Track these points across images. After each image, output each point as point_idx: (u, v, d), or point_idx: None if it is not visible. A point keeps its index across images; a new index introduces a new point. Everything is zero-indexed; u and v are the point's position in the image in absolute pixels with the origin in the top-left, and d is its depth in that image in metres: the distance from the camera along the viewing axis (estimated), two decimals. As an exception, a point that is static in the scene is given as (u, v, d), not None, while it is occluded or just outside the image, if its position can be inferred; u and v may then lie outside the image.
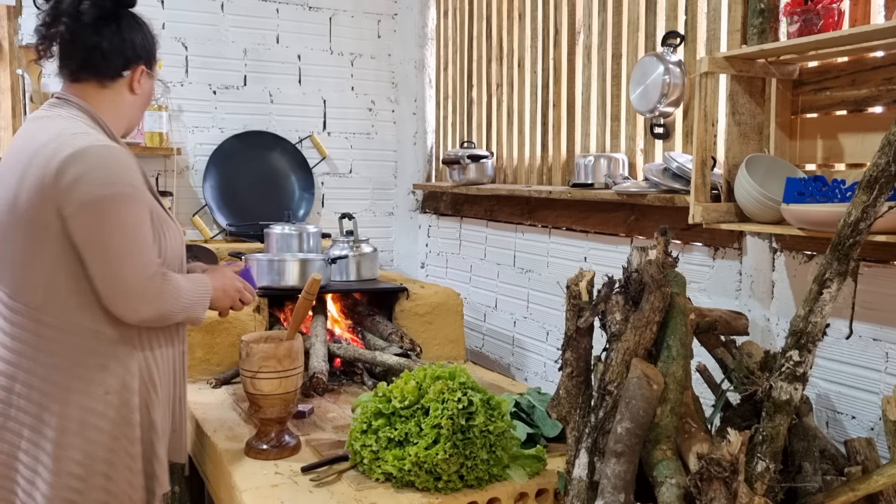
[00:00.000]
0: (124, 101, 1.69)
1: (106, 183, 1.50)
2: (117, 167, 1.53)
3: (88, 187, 1.49)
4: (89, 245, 1.51)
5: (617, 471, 1.32)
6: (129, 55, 1.67)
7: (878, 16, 1.66)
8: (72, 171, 1.49)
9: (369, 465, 1.68)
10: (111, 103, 1.67)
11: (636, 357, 1.45)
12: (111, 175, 1.51)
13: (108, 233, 1.51)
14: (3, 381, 1.56)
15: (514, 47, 3.08)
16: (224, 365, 2.50)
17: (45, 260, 1.53)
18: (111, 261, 1.52)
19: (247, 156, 3.52)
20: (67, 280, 1.54)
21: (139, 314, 1.55)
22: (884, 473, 1.37)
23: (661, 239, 1.52)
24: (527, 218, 2.91)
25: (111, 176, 1.51)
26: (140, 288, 1.53)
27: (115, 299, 1.54)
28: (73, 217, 1.49)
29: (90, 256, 1.52)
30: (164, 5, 3.37)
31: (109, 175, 1.51)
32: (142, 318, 1.56)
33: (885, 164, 1.31)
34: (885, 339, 1.64)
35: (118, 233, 1.51)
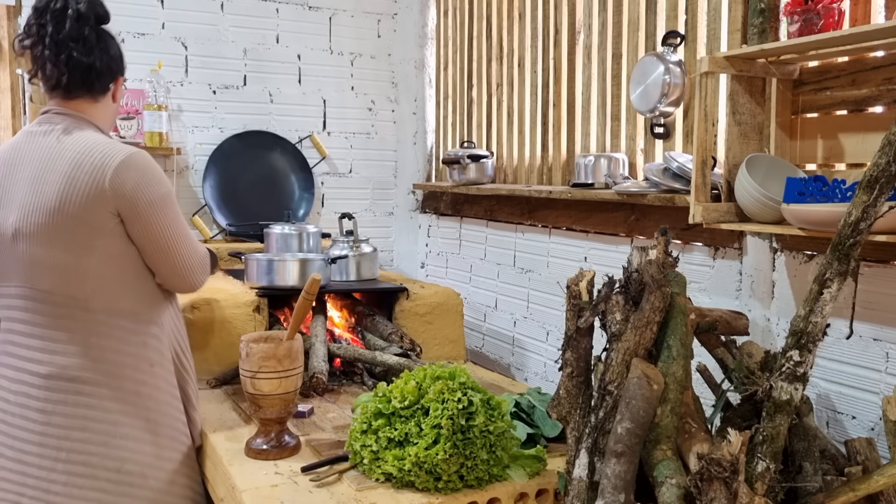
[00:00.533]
0: (109, 109, 1.92)
1: (159, 183, 1.79)
2: (159, 168, 1.83)
3: (149, 189, 1.75)
4: (157, 237, 1.78)
5: (617, 471, 1.32)
6: (114, 69, 1.89)
7: (878, 16, 1.66)
8: (130, 176, 1.73)
9: (369, 465, 1.68)
10: (101, 113, 1.88)
11: (636, 357, 1.45)
12: (160, 175, 1.81)
13: (174, 223, 1.81)
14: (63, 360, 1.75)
15: (514, 47, 3.08)
16: (224, 365, 2.50)
17: (95, 255, 1.74)
18: (181, 245, 1.83)
19: (247, 156, 3.52)
20: (114, 271, 1.77)
21: (200, 283, 1.93)
22: (884, 473, 1.37)
23: (662, 239, 1.52)
24: (527, 218, 2.91)
25: (160, 176, 1.81)
26: (202, 262, 1.92)
27: (183, 277, 1.87)
28: (140, 217, 1.75)
29: (157, 247, 1.79)
30: (164, 5, 3.37)
31: (159, 176, 1.80)
32: (200, 286, 1.94)
33: (885, 164, 1.31)
34: (885, 339, 1.64)
35: (180, 221, 1.84)
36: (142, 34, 3.32)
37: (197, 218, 3.44)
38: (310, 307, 1.92)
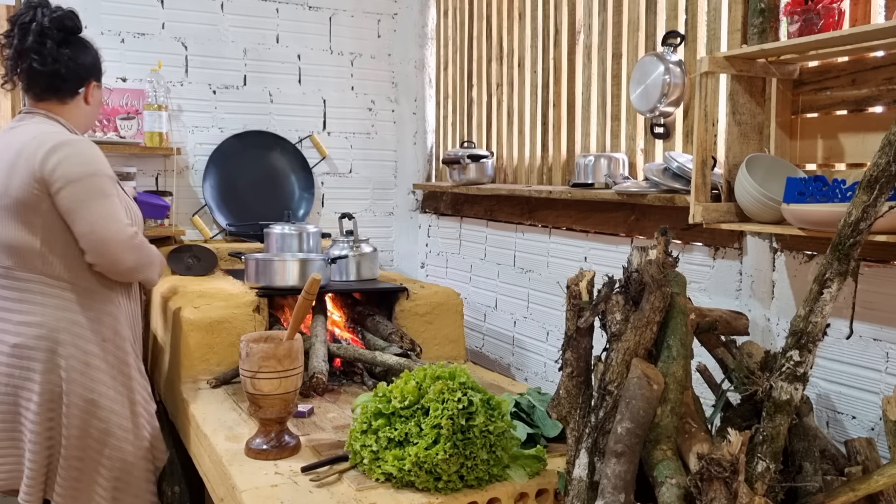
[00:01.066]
0: (81, 111, 2.13)
1: (85, 162, 1.96)
2: (92, 152, 2.00)
3: (71, 166, 1.93)
4: (76, 211, 1.93)
5: (617, 471, 1.32)
6: (82, 75, 2.10)
7: (878, 16, 1.66)
8: (56, 156, 1.93)
9: (369, 465, 1.68)
10: (69, 114, 2.10)
11: (636, 357, 1.45)
12: (89, 157, 1.98)
13: (91, 200, 1.94)
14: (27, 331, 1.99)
15: (514, 47, 3.08)
16: (224, 365, 2.50)
17: (38, 233, 1.96)
18: (97, 221, 1.95)
19: (247, 156, 3.52)
20: (60, 247, 1.98)
21: (123, 263, 2.02)
22: (884, 473, 1.37)
23: (662, 239, 1.52)
24: (527, 218, 2.91)
25: (89, 158, 1.98)
26: (123, 241, 1.99)
27: (100, 253, 1.98)
28: (60, 191, 1.92)
29: (77, 220, 1.94)
30: (164, 5, 3.37)
31: (87, 157, 1.97)
32: (126, 267, 2.03)
33: (885, 164, 1.31)
34: (885, 339, 1.64)
35: (100, 199, 1.95)
36: (142, 34, 3.32)
37: (197, 218, 3.44)
38: (310, 307, 1.92)
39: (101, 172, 1.98)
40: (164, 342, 2.75)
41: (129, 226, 2.01)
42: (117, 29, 3.26)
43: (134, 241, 2.02)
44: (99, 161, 1.99)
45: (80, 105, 2.13)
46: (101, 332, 2.05)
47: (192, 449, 2.22)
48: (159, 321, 2.86)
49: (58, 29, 2.04)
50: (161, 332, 2.82)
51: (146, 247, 2.08)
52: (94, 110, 2.18)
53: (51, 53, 2.03)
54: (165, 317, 2.72)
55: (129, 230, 2.00)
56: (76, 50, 2.09)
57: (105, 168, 2.00)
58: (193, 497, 2.47)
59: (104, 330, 2.06)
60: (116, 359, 2.08)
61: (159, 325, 2.87)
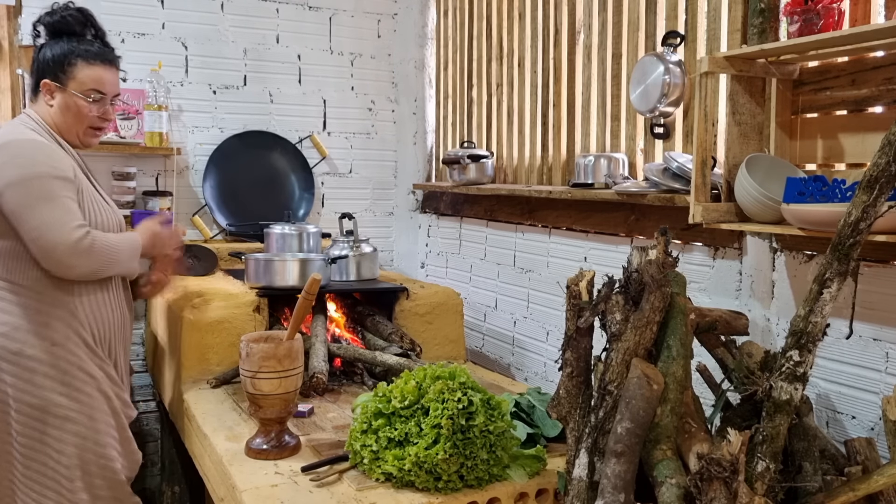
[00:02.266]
0: (47, 111, 2.03)
1: (27, 164, 1.87)
2: (38, 153, 1.90)
3: (10, 169, 1.85)
4: (19, 216, 1.85)
5: (617, 471, 1.32)
6: (38, 72, 2.04)
7: (878, 16, 1.66)
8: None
9: (369, 465, 1.68)
10: (41, 113, 2.03)
11: (636, 357, 1.45)
12: (32, 159, 1.88)
13: (33, 204, 1.84)
14: None
15: (514, 47, 3.08)
16: (224, 365, 2.50)
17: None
18: (39, 227, 1.84)
19: (247, 156, 3.52)
20: (9, 247, 1.91)
21: (73, 269, 1.89)
22: (884, 473, 1.37)
23: (661, 239, 1.52)
24: (527, 218, 2.91)
25: (32, 160, 1.88)
26: (68, 247, 1.85)
27: (48, 260, 1.87)
28: (2, 195, 1.85)
29: (21, 226, 1.86)
30: (164, 5, 3.37)
31: (30, 159, 1.88)
32: (78, 273, 1.90)
33: (885, 164, 1.31)
34: (885, 339, 1.64)
35: (42, 204, 1.85)
36: (142, 34, 3.32)
37: (197, 218, 3.44)
38: (310, 307, 1.92)
39: (45, 174, 1.87)
40: (164, 342, 2.75)
41: (76, 228, 1.87)
42: (117, 29, 3.26)
43: (81, 245, 1.87)
44: (42, 163, 1.88)
45: (43, 104, 2.04)
46: (50, 336, 1.93)
47: (192, 449, 2.22)
48: (160, 321, 2.86)
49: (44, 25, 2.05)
50: (161, 332, 2.82)
51: (99, 246, 1.91)
52: (59, 114, 2.03)
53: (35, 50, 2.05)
54: (165, 317, 2.73)
55: (73, 234, 1.86)
56: (46, 45, 2.05)
57: (51, 170, 1.89)
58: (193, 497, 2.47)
59: (53, 334, 1.93)
60: (70, 364, 1.95)
61: (160, 325, 2.87)
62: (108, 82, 2.06)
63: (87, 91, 2.02)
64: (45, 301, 1.92)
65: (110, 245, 1.95)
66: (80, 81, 2.02)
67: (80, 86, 2.02)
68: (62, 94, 2.01)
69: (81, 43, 2.04)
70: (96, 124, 2.07)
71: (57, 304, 1.94)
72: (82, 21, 2.08)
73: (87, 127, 2.05)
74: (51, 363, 1.92)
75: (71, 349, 1.94)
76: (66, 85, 2.01)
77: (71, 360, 1.94)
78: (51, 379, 1.91)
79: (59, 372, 1.92)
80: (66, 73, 2.01)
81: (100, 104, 2.05)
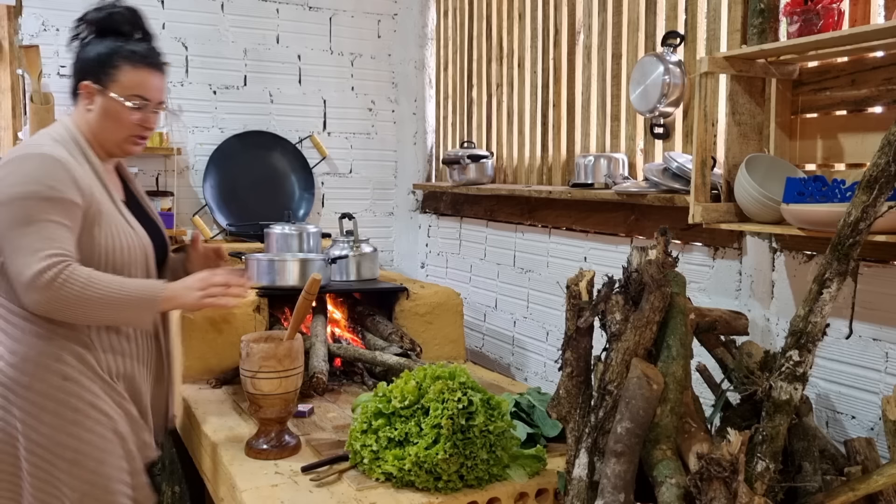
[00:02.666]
0: (85, 118, 1.82)
1: (20, 182, 1.66)
2: (39, 171, 1.67)
3: (6, 187, 1.66)
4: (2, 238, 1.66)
5: (617, 471, 1.32)
6: (78, 73, 1.83)
7: (878, 16, 1.66)
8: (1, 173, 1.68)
9: (369, 464, 1.68)
10: (79, 118, 1.83)
11: (636, 357, 1.45)
12: (28, 177, 1.66)
13: (12, 225, 1.64)
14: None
15: (514, 47, 3.08)
16: (224, 365, 2.50)
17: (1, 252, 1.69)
18: (11, 251, 1.65)
19: (247, 156, 3.52)
20: None
21: (34, 304, 1.64)
22: (883, 473, 1.37)
23: (661, 239, 1.52)
24: (527, 218, 2.91)
25: (28, 178, 1.66)
26: (25, 280, 1.62)
27: (17, 289, 1.65)
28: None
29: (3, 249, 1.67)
30: (164, 5, 3.37)
31: (26, 177, 1.66)
32: (39, 309, 1.65)
33: (884, 164, 1.31)
34: (885, 338, 1.64)
35: (19, 226, 1.64)
36: (142, 34, 3.32)
37: (197, 218, 3.44)
38: (310, 307, 1.91)
39: (34, 195, 1.64)
40: (165, 342, 2.75)
41: (43, 258, 1.61)
42: (117, 29, 3.25)
43: (39, 281, 1.60)
44: (37, 181, 1.66)
45: (83, 111, 1.82)
46: (61, 370, 1.71)
47: (192, 449, 2.23)
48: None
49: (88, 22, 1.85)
50: (161, 332, 2.82)
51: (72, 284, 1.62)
52: (97, 121, 1.81)
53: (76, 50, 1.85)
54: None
55: (33, 267, 1.60)
56: (89, 44, 1.84)
57: (45, 189, 1.65)
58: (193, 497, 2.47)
59: (65, 368, 1.71)
60: (82, 401, 1.72)
61: (159, 325, 2.86)
62: (152, 88, 1.85)
63: (129, 96, 1.81)
64: (58, 332, 1.72)
65: (95, 285, 1.65)
66: (122, 85, 1.80)
67: (123, 90, 1.80)
68: (103, 97, 1.80)
69: (128, 44, 1.84)
70: (137, 132, 1.85)
71: (70, 335, 1.73)
72: (131, 20, 1.88)
73: (127, 135, 1.84)
74: (61, 400, 1.71)
75: (84, 385, 1.73)
76: (108, 88, 1.80)
77: (83, 397, 1.72)
78: (60, 417, 1.71)
79: (69, 410, 1.71)
80: (109, 76, 1.80)
81: (142, 111, 1.83)
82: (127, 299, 1.69)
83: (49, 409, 1.70)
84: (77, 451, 1.72)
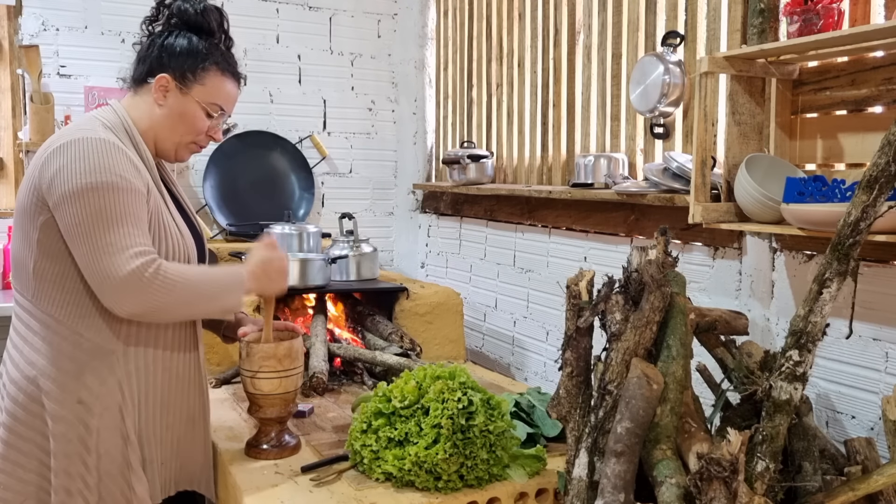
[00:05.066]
0: (151, 111, 1.67)
1: (86, 172, 1.49)
2: (103, 157, 1.51)
3: (69, 176, 1.48)
4: (72, 235, 1.49)
5: (617, 470, 1.32)
6: (154, 61, 1.66)
7: (878, 16, 1.66)
8: (55, 162, 1.50)
9: (369, 464, 1.68)
10: (137, 110, 1.67)
11: (636, 357, 1.45)
12: (93, 164, 1.50)
13: (89, 221, 1.48)
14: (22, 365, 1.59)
15: (514, 47, 3.08)
16: (224, 365, 2.50)
17: (34, 249, 1.54)
18: (93, 250, 1.48)
19: (247, 156, 3.52)
20: (53, 273, 1.55)
21: (122, 308, 1.50)
22: (884, 473, 1.37)
23: (661, 239, 1.52)
24: (527, 218, 2.92)
25: (93, 165, 1.50)
26: (119, 280, 1.47)
27: (100, 291, 1.50)
28: (56, 208, 1.50)
29: (74, 247, 1.50)
30: (164, 5, 3.36)
31: (91, 165, 1.50)
32: (128, 312, 1.51)
33: (884, 164, 1.31)
34: (885, 338, 1.64)
35: (100, 221, 1.48)
36: (142, 34, 3.32)
37: (197, 218, 3.43)
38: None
39: (108, 185, 1.49)
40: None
41: (136, 255, 1.47)
42: (117, 29, 3.26)
43: (132, 283, 1.46)
44: (106, 169, 1.50)
45: (150, 102, 1.66)
46: (77, 391, 1.54)
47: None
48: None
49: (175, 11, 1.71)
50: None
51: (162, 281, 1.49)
52: (165, 118, 1.67)
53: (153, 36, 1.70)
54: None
55: (129, 265, 1.46)
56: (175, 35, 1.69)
57: (118, 180, 1.50)
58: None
59: (81, 390, 1.54)
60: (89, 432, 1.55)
61: (159, 325, 2.86)
62: (231, 99, 1.74)
63: (210, 103, 1.68)
64: (82, 346, 1.55)
65: (187, 280, 1.54)
66: (207, 90, 1.68)
67: (206, 96, 1.68)
68: (181, 96, 1.66)
69: (217, 47, 1.73)
70: (202, 141, 1.74)
71: (95, 352, 1.56)
72: (219, 21, 1.76)
73: (191, 141, 1.71)
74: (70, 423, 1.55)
75: (98, 412, 1.56)
76: (190, 89, 1.66)
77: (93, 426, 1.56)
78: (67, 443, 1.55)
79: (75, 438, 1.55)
80: (196, 77, 1.67)
81: (215, 121, 1.72)
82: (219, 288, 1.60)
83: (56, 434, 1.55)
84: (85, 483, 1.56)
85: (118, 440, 1.58)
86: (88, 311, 1.56)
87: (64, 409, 1.55)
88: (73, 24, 3.19)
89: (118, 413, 1.58)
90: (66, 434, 1.54)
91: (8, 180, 3.45)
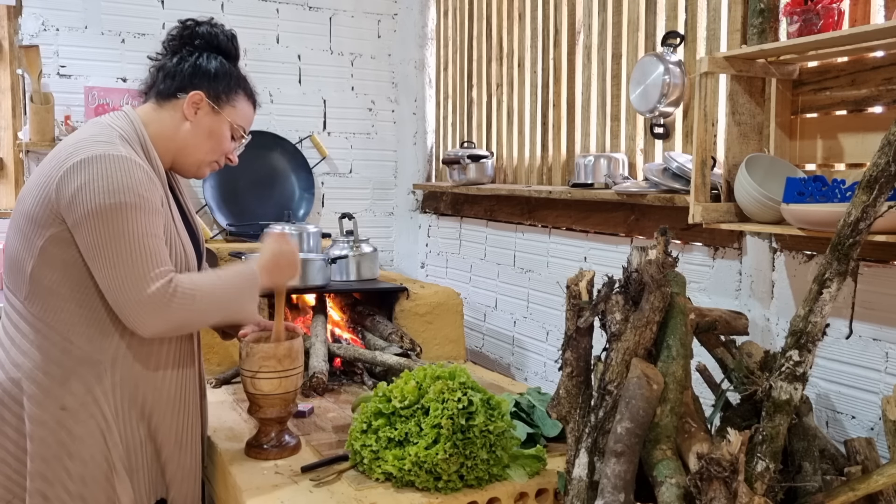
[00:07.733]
0: (177, 126, 1.69)
1: (109, 192, 1.49)
2: (125, 177, 1.51)
3: (91, 195, 1.49)
4: (93, 256, 1.50)
5: (617, 470, 1.32)
6: (186, 79, 1.69)
7: (878, 16, 1.66)
8: (76, 178, 1.50)
9: (369, 464, 1.68)
10: (160, 123, 1.68)
11: (636, 357, 1.45)
12: (116, 185, 1.50)
13: (111, 243, 1.49)
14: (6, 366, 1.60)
15: (514, 47, 3.08)
16: (224, 365, 2.50)
17: (36, 256, 1.54)
18: (115, 274, 1.50)
19: (247, 156, 3.50)
20: (50, 280, 1.55)
21: (147, 329, 1.53)
22: (884, 473, 1.37)
23: (661, 239, 1.52)
24: (527, 218, 2.92)
25: (116, 185, 1.50)
26: (142, 302, 1.49)
27: (123, 312, 1.52)
28: (77, 226, 1.50)
29: (95, 267, 1.51)
30: (164, 5, 3.37)
31: (114, 185, 1.50)
32: (155, 332, 1.54)
33: (884, 164, 1.31)
34: (884, 338, 1.64)
35: (122, 243, 1.49)
36: (142, 34, 3.32)
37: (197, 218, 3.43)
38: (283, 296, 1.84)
39: (130, 205, 1.50)
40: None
41: (157, 277, 1.50)
42: (117, 29, 3.26)
43: (156, 301, 1.49)
44: (129, 189, 1.50)
45: (177, 118, 1.68)
46: (62, 398, 1.54)
47: (192, 449, 2.22)
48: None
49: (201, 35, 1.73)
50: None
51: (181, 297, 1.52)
52: (194, 135, 1.70)
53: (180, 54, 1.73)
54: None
55: (150, 287, 1.49)
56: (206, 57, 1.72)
57: (136, 200, 1.51)
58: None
59: (66, 396, 1.54)
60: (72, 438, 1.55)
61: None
62: (251, 123, 1.84)
63: (238, 125, 1.76)
64: (72, 353, 1.56)
65: (202, 290, 1.57)
66: (237, 113, 1.75)
67: (236, 117, 1.75)
68: (216, 116, 1.71)
69: (242, 73, 1.80)
70: (222, 161, 1.80)
71: (84, 360, 1.56)
72: (236, 47, 1.80)
73: (213, 160, 1.77)
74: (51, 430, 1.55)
75: (82, 419, 1.56)
76: (223, 109, 1.72)
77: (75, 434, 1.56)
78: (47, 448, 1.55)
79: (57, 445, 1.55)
80: (229, 99, 1.73)
81: (236, 143, 1.80)
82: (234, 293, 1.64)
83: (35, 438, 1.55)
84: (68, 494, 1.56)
85: (103, 447, 1.58)
86: (81, 319, 1.56)
87: (45, 414, 1.55)
88: (73, 24, 3.19)
89: (103, 421, 1.58)
90: (45, 438, 1.55)
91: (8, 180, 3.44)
